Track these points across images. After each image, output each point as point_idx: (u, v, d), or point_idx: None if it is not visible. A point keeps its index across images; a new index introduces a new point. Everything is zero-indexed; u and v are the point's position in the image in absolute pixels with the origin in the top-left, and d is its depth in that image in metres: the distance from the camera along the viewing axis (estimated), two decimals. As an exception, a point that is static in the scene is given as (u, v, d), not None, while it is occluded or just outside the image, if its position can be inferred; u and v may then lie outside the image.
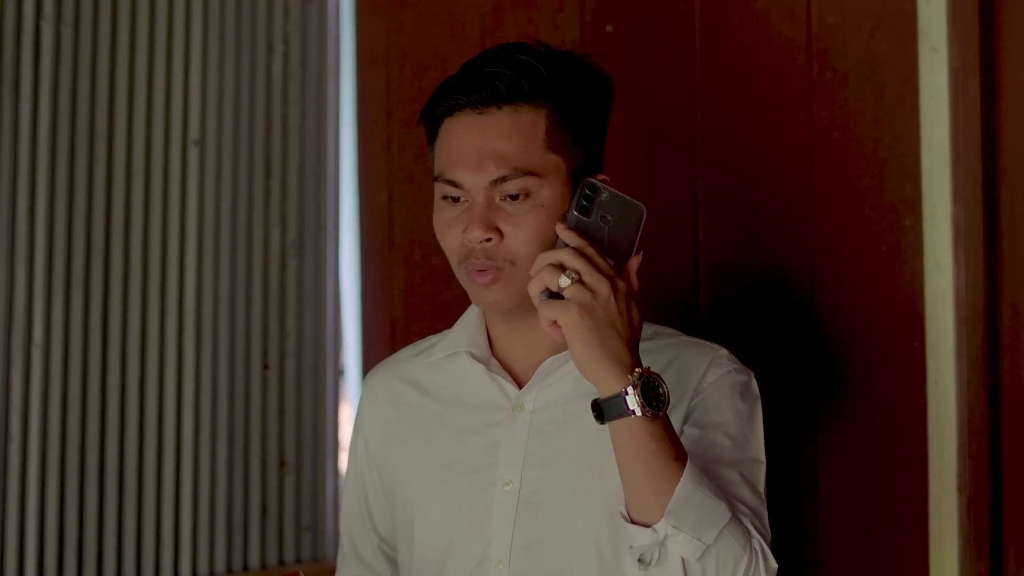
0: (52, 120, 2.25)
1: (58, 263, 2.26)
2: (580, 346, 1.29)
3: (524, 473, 1.46)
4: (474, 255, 1.41)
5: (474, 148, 1.39)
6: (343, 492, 1.70)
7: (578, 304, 1.28)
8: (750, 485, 1.40)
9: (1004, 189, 1.69)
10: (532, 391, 1.49)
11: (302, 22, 2.56)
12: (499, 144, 1.39)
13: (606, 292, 1.29)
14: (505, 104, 1.39)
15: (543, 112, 1.40)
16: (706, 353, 1.50)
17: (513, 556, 1.45)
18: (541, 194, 1.39)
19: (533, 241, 1.39)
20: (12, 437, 2.20)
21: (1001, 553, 1.69)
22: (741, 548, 1.30)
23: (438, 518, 1.51)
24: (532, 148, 1.39)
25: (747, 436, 1.45)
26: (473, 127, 1.40)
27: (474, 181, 1.39)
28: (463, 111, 1.41)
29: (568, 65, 1.45)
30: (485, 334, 1.54)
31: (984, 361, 1.69)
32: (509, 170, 1.38)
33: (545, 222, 1.39)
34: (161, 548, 2.37)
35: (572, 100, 1.43)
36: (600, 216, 1.35)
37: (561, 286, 1.29)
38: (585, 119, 1.45)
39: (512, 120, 1.39)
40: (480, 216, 1.39)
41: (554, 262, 1.30)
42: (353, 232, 2.58)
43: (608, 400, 1.29)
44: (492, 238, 1.39)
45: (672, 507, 1.28)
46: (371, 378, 1.66)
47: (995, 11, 1.69)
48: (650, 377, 1.29)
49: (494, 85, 1.39)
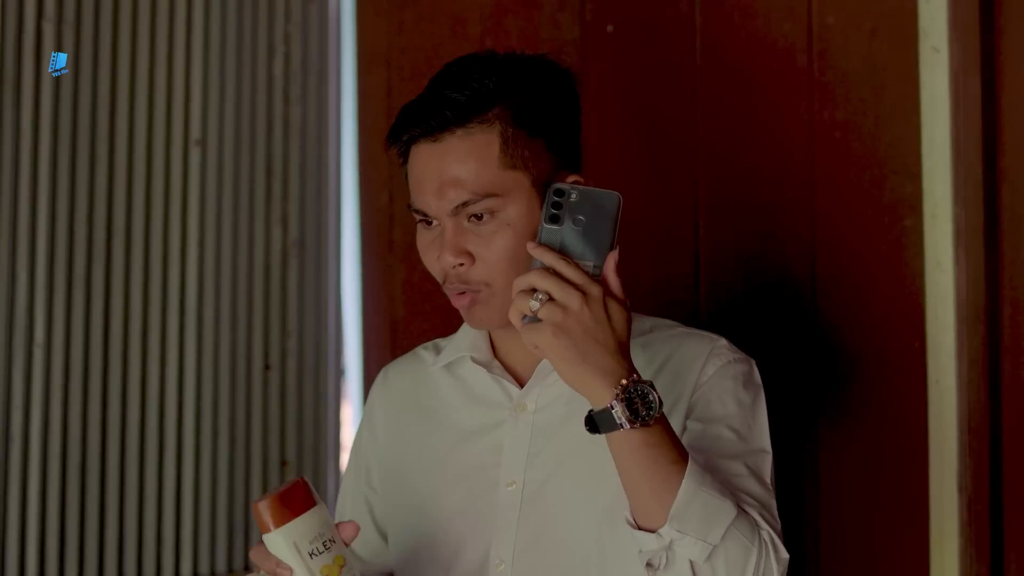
0: (54, 120, 2.25)
1: (59, 263, 2.26)
2: (561, 364, 1.28)
3: (528, 474, 1.46)
4: (450, 279, 1.42)
5: (434, 176, 1.40)
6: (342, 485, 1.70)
7: (551, 325, 1.27)
8: (757, 476, 1.40)
9: (1005, 189, 1.70)
10: (534, 390, 1.49)
11: (303, 22, 2.57)
12: (456, 170, 1.39)
13: (577, 305, 1.27)
14: (456, 127, 1.39)
15: (496, 130, 1.39)
16: (705, 344, 1.50)
17: (516, 557, 1.45)
18: (506, 212, 1.39)
19: (503, 262, 1.39)
20: (13, 436, 2.20)
21: (1002, 553, 1.69)
22: (749, 542, 1.30)
23: (444, 520, 1.51)
24: (488, 169, 1.38)
25: (751, 427, 1.45)
26: (431, 155, 1.40)
27: (437, 208, 1.40)
28: (419, 141, 1.42)
29: (522, 71, 1.43)
30: (487, 338, 1.55)
31: (985, 361, 1.69)
32: (469, 195, 1.38)
33: (513, 240, 1.39)
34: (162, 547, 2.37)
35: (530, 106, 1.41)
36: (572, 219, 1.33)
37: (532, 310, 1.28)
38: (548, 121, 1.43)
39: (466, 144, 1.39)
40: (450, 242, 1.40)
41: (525, 287, 1.29)
42: (354, 232, 2.59)
43: (599, 413, 1.28)
44: (464, 262, 1.40)
45: (675, 511, 1.27)
46: (387, 374, 1.67)
47: (996, 11, 1.69)
48: (637, 385, 1.27)
49: (442, 112, 1.39)
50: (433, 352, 1.64)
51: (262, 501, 1.28)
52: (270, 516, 1.28)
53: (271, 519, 1.28)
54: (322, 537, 1.29)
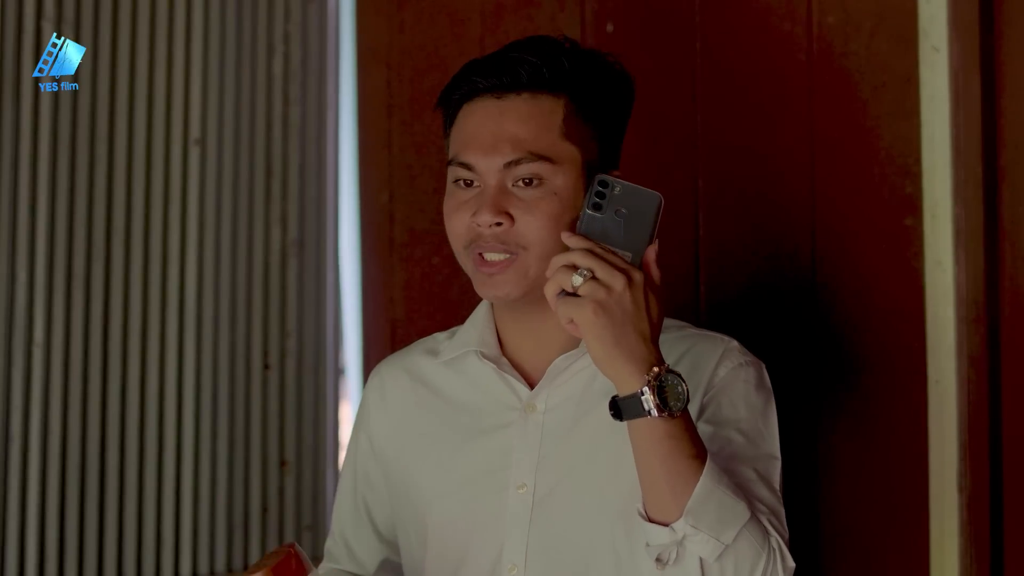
0: (53, 120, 2.25)
1: (59, 263, 2.26)
2: (597, 344, 1.27)
3: (538, 477, 1.44)
4: (482, 239, 1.39)
5: (490, 131, 1.39)
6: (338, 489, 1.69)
7: (593, 301, 1.26)
8: (766, 482, 1.38)
9: (1005, 188, 1.70)
10: (544, 391, 1.47)
11: (302, 22, 2.56)
12: (515, 128, 1.38)
13: (620, 287, 1.27)
14: (524, 91, 1.40)
15: (562, 102, 1.40)
16: (718, 345, 1.49)
17: (529, 560, 1.43)
18: (554, 181, 1.38)
19: (545, 228, 1.38)
20: (13, 436, 2.20)
21: (1001, 552, 1.69)
22: (760, 547, 1.29)
23: (452, 522, 1.49)
24: (548, 134, 1.39)
25: (761, 432, 1.44)
26: (491, 111, 1.40)
27: (487, 164, 1.39)
28: (482, 96, 1.41)
29: (591, 61, 1.45)
30: (495, 333, 1.52)
31: (985, 360, 1.69)
32: (523, 153, 1.38)
33: (558, 209, 1.38)
34: (161, 547, 2.37)
35: (592, 95, 1.43)
36: (614, 210, 1.33)
37: (574, 285, 1.27)
38: (604, 115, 1.45)
39: (530, 106, 1.39)
40: (491, 200, 1.38)
41: (567, 263, 1.29)
42: (353, 231, 2.58)
43: (626, 399, 1.27)
44: (503, 222, 1.38)
45: (691, 507, 1.26)
46: (380, 372, 1.63)
47: (996, 10, 1.69)
48: (668, 375, 1.27)
49: (516, 71, 1.40)
50: (432, 347, 1.60)
51: (258, 572, 1.29)
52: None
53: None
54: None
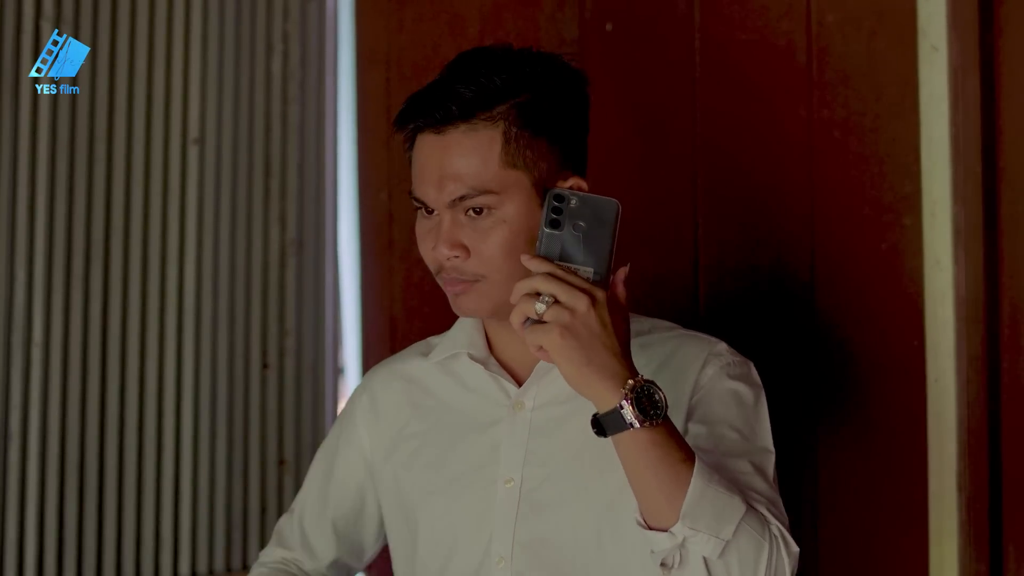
0: (52, 119, 2.25)
1: (58, 262, 2.26)
2: (568, 366, 1.28)
3: (525, 471, 1.47)
4: (445, 269, 1.43)
5: (435, 168, 1.41)
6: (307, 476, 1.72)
7: (559, 326, 1.27)
8: (762, 474, 1.40)
9: (1004, 187, 1.70)
10: (531, 389, 1.49)
11: (302, 21, 2.56)
12: (457, 164, 1.40)
13: (584, 307, 1.27)
14: (461, 122, 1.40)
15: (500, 128, 1.40)
16: (704, 346, 1.50)
17: (515, 553, 1.45)
18: (503, 210, 1.40)
19: (498, 257, 1.40)
20: (12, 436, 2.20)
21: (1001, 551, 1.69)
22: (760, 537, 1.30)
23: (440, 518, 1.51)
24: (489, 166, 1.39)
25: (753, 427, 1.45)
26: (435, 147, 1.41)
27: (436, 200, 1.41)
28: (424, 131, 1.43)
29: (535, 69, 1.43)
30: (483, 335, 1.55)
31: (984, 359, 1.69)
32: (467, 189, 1.39)
33: (509, 237, 1.40)
34: (160, 547, 2.37)
35: (538, 105, 1.42)
36: (572, 225, 1.33)
37: (538, 312, 1.28)
38: (556, 121, 1.43)
39: (469, 139, 1.40)
40: (446, 234, 1.41)
41: (528, 291, 1.29)
42: (353, 231, 2.58)
43: (606, 415, 1.28)
44: (459, 254, 1.41)
45: (686, 509, 1.27)
46: (371, 381, 1.66)
47: (995, 9, 1.69)
48: (644, 386, 1.28)
49: (447, 106, 1.40)
50: (425, 350, 1.64)
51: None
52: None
53: None
54: None
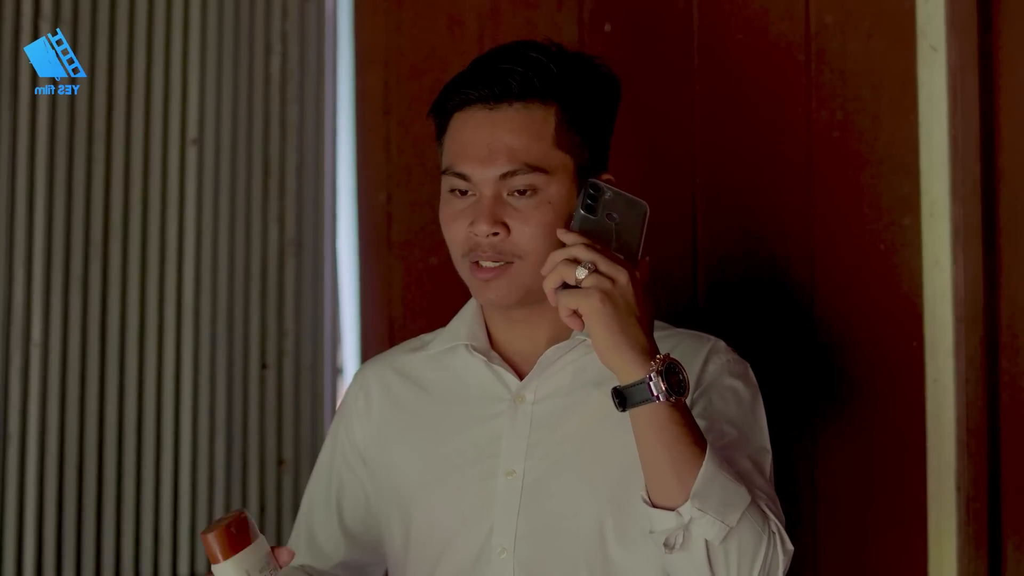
0: (51, 119, 2.25)
1: (57, 262, 2.26)
2: (603, 332, 1.30)
3: (527, 463, 1.47)
4: (480, 249, 1.42)
5: (484, 142, 1.41)
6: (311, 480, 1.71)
7: (599, 291, 1.29)
8: (760, 471, 1.41)
9: (1003, 187, 1.70)
10: (533, 381, 1.50)
11: (300, 21, 2.56)
12: (509, 139, 1.40)
13: (624, 279, 1.30)
14: (516, 100, 1.41)
15: (553, 109, 1.42)
16: (703, 344, 1.52)
17: (517, 544, 1.46)
18: (548, 191, 1.41)
19: (540, 237, 1.40)
20: (11, 436, 2.20)
21: (1000, 550, 1.69)
22: (761, 531, 1.31)
23: (438, 510, 1.51)
24: (541, 144, 1.41)
25: (752, 425, 1.47)
26: (484, 122, 1.42)
27: (483, 175, 1.41)
28: (474, 106, 1.43)
29: (578, 65, 1.47)
30: (484, 327, 1.55)
31: (983, 359, 1.69)
32: (518, 165, 1.40)
33: (552, 218, 1.40)
34: (159, 547, 2.37)
35: (581, 100, 1.45)
36: (606, 214, 1.36)
37: (578, 277, 1.30)
38: (593, 119, 1.46)
39: (523, 116, 1.41)
40: (487, 210, 1.40)
41: (568, 257, 1.32)
42: (351, 231, 2.58)
43: (631, 387, 1.30)
44: (499, 232, 1.40)
45: (697, 490, 1.28)
46: (363, 373, 1.66)
47: (994, 10, 1.70)
48: (671, 363, 1.30)
49: (506, 81, 1.41)
50: (418, 345, 1.64)
51: (211, 532, 1.32)
52: (221, 546, 1.32)
53: (222, 549, 1.32)
54: (269, 566, 1.35)
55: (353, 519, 1.65)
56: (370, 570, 1.69)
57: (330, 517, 1.65)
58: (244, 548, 1.33)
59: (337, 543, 1.65)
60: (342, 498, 1.65)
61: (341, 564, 1.66)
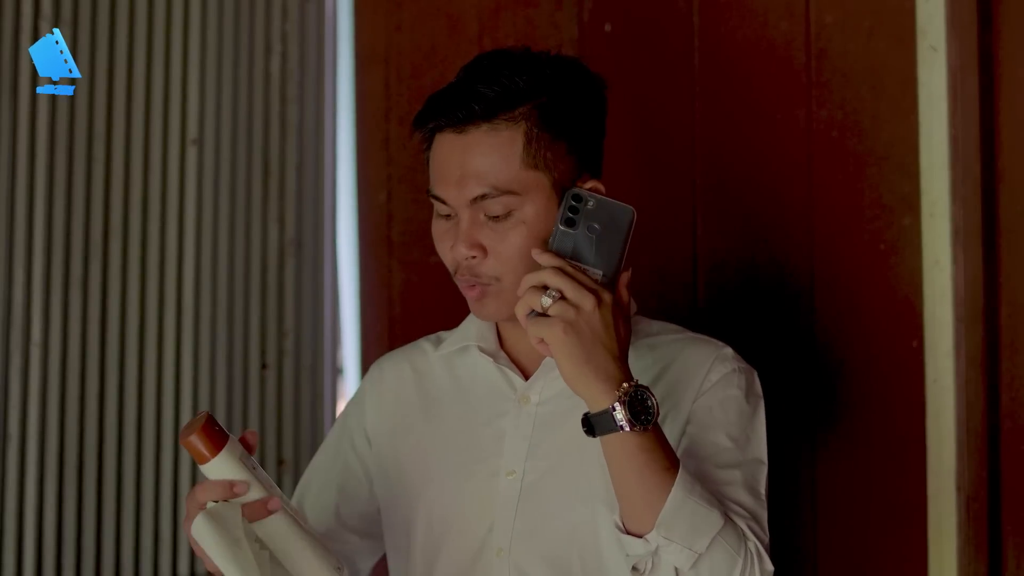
0: (50, 119, 2.25)
1: (56, 262, 2.26)
2: (567, 362, 1.30)
3: (527, 463, 1.48)
4: (462, 270, 1.44)
5: (456, 166, 1.41)
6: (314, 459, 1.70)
7: (562, 321, 1.29)
8: (749, 487, 1.41)
9: (1003, 187, 1.70)
10: (538, 383, 1.50)
11: (300, 21, 2.56)
12: (478, 163, 1.40)
13: (590, 306, 1.30)
14: (483, 122, 1.40)
15: (522, 128, 1.41)
16: (710, 351, 1.51)
17: (514, 544, 1.46)
18: (523, 211, 1.41)
19: (515, 259, 1.41)
20: (10, 436, 2.20)
21: (1000, 551, 1.69)
22: (735, 553, 1.32)
23: (440, 506, 1.52)
24: (510, 166, 1.40)
25: (749, 437, 1.46)
26: (455, 145, 1.42)
27: (456, 198, 1.42)
28: (445, 130, 1.43)
29: (555, 72, 1.45)
30: (494, 329, 1.56)
31: (983, 359, 1.69)
32: (488, 188, 1.40)
33: (527, 238, 1.40)
34: (159, 547, 2.37)
35: (558, 108, 1.43)
36: (587, 226, 1.35)
37: (544, 306, 1.30)
38: (573, 124, 1.45)
39: (491, 138, 1.40)
40: (464, 234, 1.41)
41: (536, 284, 1.31)
42: (351, 231, 2.58)
43: (597, 415, 1.30)
44: (476, 255, 1.41)
45: (662, 519, 1.29)
46: (382, 363, 1.67)
47: (994, 10, 1.69)
48: (638, 390, 1.29)
49: (469, 105, 1.40)
50: (435, 342, 1.64)
51: (193, 434, 1.29)
52: (208, 444, 1.30)
53: (210, 447, 1.30)
54: (250, 456, 1.34)
55: (350, 508, 1.64)
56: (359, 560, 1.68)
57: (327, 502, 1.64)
58: (227, 441, 1.32)
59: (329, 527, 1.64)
60: (344, 482, 1.64)
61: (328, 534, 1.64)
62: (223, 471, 1.31)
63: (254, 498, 1.32)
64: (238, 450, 1.33)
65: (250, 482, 1.32)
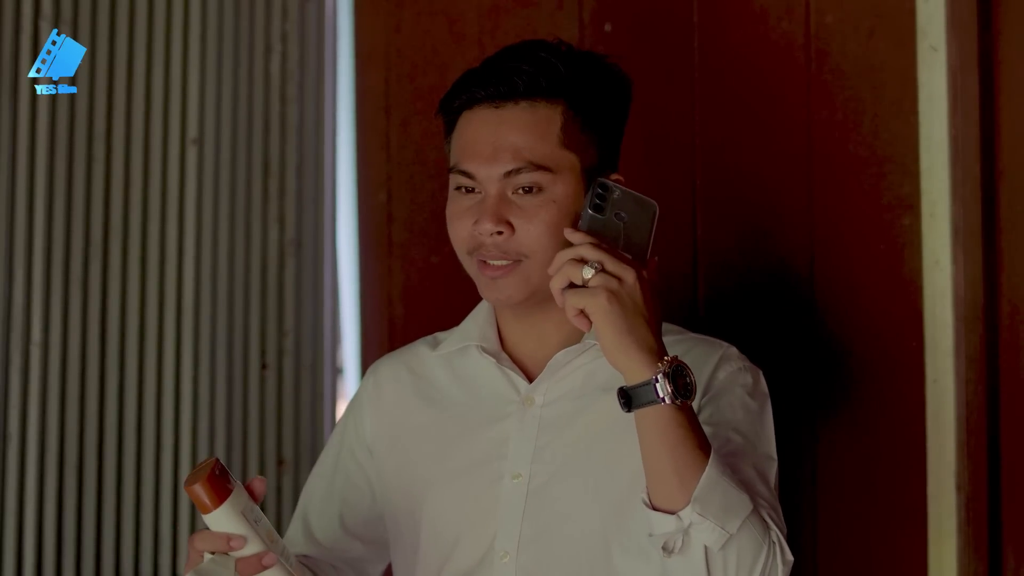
0: (51, 119, 2.25)
1: (56, 262, 2.26)
2: (610, 330, 1.29)
3: (533, 466, 1.46)
4: (485, 248, 1.42)
5: (489, 141, 1.41)
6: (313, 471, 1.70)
7: (606, 290, 1.28)
8: (764, 480, 1.40)
9: (1003, 187, 1.70)
10: (543, 384, 1.49)
11: (300, 21, 2.56)
12: (514, 137, 1.41)
13: (632, 279, 1.30)
14: (522, 99, 1.42)
15: (559, 109, 1.42)
16: (715, 350, 1.51)
17: (520, 548, 1.45)
18: (554, 189, 1.41)
19: (545, 236, 1.40)
20: (10, 436, 2.20)
21: (1000, 551, 1.69)
22: (761, 540, 1.30)
23: (445, 510, 1.51)
24: (547, 143, 1.41)
25: (759, 434, 1.45)
26: (489, 120, 1.42)
27: (487, 173, 1.41)
28: (480, 104, 1.43)
29: (588, 65, 1.47)
30: (496, 329, 1.55)
31: (983, 359, 1.69)
32: (523, 163, 1.40)
33: (557, 217, 1.40)
34: (159, 547, 2.37)
35: (590, 99, 1.45)
36: (615, 213, 1.36)
37: (585, 277, 1.29)
38: (602, 118, 1.46)
39: (528, 115, 1.41)
40: (492, 209, 1.41)
41: (575, 256, 1.31)
42: (351, 231, 2.58)
43: (637, 387, 1.29)
44: (503, 231, 1.40)
45: (698, 494, 1.28)
46: (377, 369, 1.66)
47: (994, 10, 1.70)
48: (679, 365, 1.29)
49: (512, 80, 1.42)
50: (432, 344, 1.63)
51: (197, 484, 1.30)
52: (210, 495, 1.30)
53: (212, 498, 1.30)
54: (254, 507, 1.34)
55: (355, 516, 1.63)
56: (368, 567, 1.68)
57: (331, 511, 1.64)
58: (232, 491, 1.32)
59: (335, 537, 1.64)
60: (346, 492, 1.63)
61: (339, 558, 1.64)
62: (222, 523, 1.32)
63: (251, 553, 1.33)
64: (241, 503, 1.33)
65: (248, 536, 1.32)
